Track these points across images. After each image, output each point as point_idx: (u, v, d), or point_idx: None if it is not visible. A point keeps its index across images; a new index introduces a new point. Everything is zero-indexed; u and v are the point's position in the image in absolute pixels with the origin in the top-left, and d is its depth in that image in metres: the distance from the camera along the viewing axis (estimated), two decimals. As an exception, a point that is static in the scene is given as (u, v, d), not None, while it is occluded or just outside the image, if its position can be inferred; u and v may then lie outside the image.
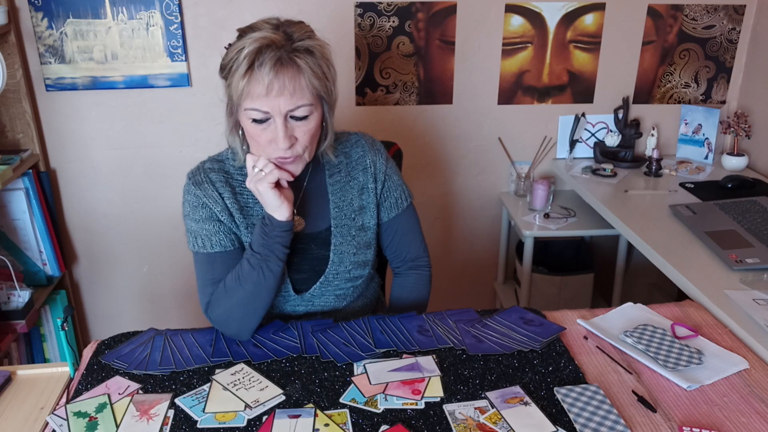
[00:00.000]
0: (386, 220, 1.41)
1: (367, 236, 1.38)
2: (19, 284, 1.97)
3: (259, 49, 1.12)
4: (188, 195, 1.29)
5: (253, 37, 1.13)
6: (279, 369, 1.15)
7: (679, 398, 1.08)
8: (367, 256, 1.38)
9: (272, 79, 1.12)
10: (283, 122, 1.16)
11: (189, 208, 1.29)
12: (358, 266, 1.36)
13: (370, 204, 1.37)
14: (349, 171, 1.36)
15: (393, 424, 1.00)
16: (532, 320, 1.29)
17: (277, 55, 1.12)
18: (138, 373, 1.15)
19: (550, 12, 2.22)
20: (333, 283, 1.35)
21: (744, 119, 2.26)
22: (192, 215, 1.28)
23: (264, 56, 1.12)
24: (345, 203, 1.35)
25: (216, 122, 2.22)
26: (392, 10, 2.16)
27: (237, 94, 1.15)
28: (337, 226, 1.34)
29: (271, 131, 1.17)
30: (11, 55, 2.02)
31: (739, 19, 2.29)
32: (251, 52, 1.12)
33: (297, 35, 1.16)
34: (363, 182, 1.36)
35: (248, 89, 1.14)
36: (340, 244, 1.34)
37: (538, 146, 2.41)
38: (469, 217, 2.50)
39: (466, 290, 2.62)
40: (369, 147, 1.38)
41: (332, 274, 1.34)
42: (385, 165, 1.38)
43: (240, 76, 1.13)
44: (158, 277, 2.44)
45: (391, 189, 1.39)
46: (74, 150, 2.23)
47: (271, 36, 1.13)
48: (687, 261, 1.56)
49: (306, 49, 1.15)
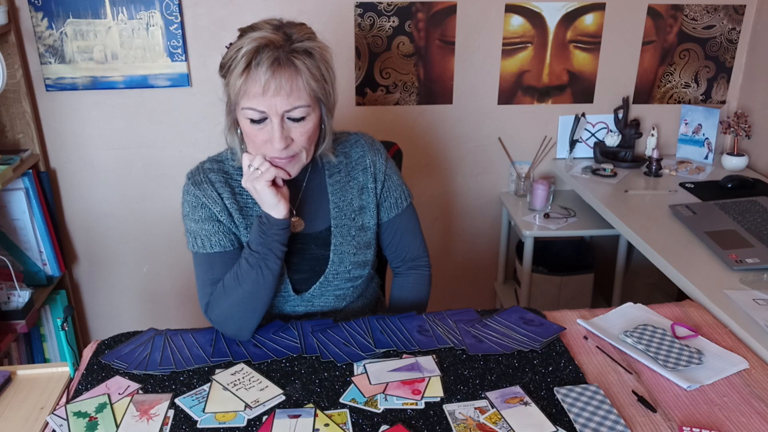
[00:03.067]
0: (386, 220, 1.41)
1: (367, 236, 1.37)
2: (19, 284, 1.97)
3: (257, 48, 1.12)
4: (187, 195, 1.29)
5: (252, 36, 1.14)
6: (279, 369, 1.15)
7: (679, 398, 1.08)
8: (366, 256, 1.38)
9: (269, 78, 1.12)
10: (280, 123, 1.16)
11: (188, 208, 1.29)
12: (358, 266, 1.36)
13: (370, 204, 1.37)
14: (349, 171, 1.36)
15: (393, 424, 1.00)
16: (532, 320, 1.29)
17: (275, 55, 1.13)
18: (138, 373, 1.15)
19: (550, 12, 2.22)
20: (333, 283, 1.35)
21: (744, 119, 2.26)
22: (191, 215, 1.28)
23: (262, 56, 1.12)
24: (345, 203, 1.35)
25: (216, 122, 2.22)
26: (392, 10, 2.16)
27: (234, 92, 1.16)
28: (336, 226, 1.34)
29: (267, 131, 1.17)
30: (11, 55, 2.02)
31: (739, 19, 2.29)
32: (249, 51, 1.12)
33: (297, 36, 1.16)
34: (363, 182, 1.36)
35: (245, 88, 1.14)
36: (340, 244, 1.34)
37: (538, 146, 2.41)
38: (469, 217, 2.50)
39: (466, 290, 2.62)
40: (369, 147, 1.38)
41: (332, 274, 1.34)
42: (385, 165, 1.38)
43: (237, 74, 1.13)
44: (158, 277, 2.44)
45: (391, 189, 1.39)
46: (74, 150, 2.23)
47: (270, 36, 1.13)
48: (687, 261, 1.56)
49: (305, 50, 1.15)
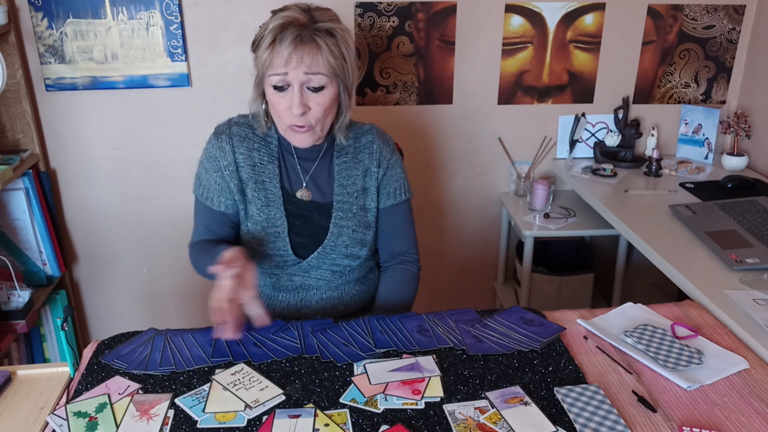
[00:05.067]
0: (382, 207, 1.48)
1: (368, 217, 1.46)
2: (19, 284, 1.97)
3: (282, 25, 1.26)
4: (207, 143, 1.44)
5: (280, 15, 1.28)
6: (279, 369, 1.15)
7: (679, 398, 1.08)
8: (366, 236, 1.45)
9: (291, 52, 1.24)
10: (300, 90, 1.28)
11: (204, 155, 1.44)
12: (356, 244, 1.44)
13: (372, 187, 1.46)
14: (356, 154, 1.46)
15: (393, 424, 1.00)
16: (532, 320, 1.29)
17: (299, 32, 1.25)
18: (138, 373, 1.15)
19: (550, 12, 2.22)
20: (330, 255, 1.43)
21: (744, 119, 2.26)
22: (204, 162, 1.44)
23: (286, 32, 1.25)
24: (349, 183, 1.44)
25: (216, 122, 2.21)
26: (392, 10, 2.16)
27: (261, 63, 1.29)
28: (339, 202, 1.43)
29: (288, 99, 1.29)
30: (11, 55, 2.02)
31: (739, 19, 2.29)
32: (275, 27, 1.26)
33: (322, 17, 1.29)
34: (367, 165, 1.46)
35: (270, 59, 1.27)
36: (340, 219, 1.43)
37: (538, 146, 2.41)
38: (469, 217, 2.50)
39: (466, 290, 2.62)
40: (378, 136, 1.48)
41: (330, 245, 1.42)
42: (391, 155, 1.48)
43: (264, 48, 1.27)
44: (158, 277, 2.44)
45: (392, 178, 1.47)
46: (74, 150, 2.23)
47: (296, 16, 1.27)
48: (687, 261, 1.56)
49: (327, 30, 1.28)
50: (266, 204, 1.41)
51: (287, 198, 1.42)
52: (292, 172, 1.44)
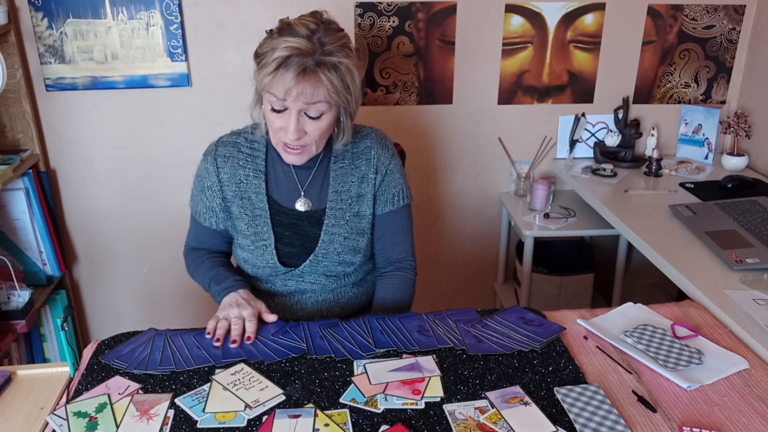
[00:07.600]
0: (379, 214, 1.45)
1: (362, 224, 1.43)
2: (19, 284, 1.97)
3: (288, 56, 1.20)
4: (200, 163, 1.45)
5: (287, 41, 1.21)
6: (279, 369, 1.15)
7: (679, 398, 1.08)
8: (359, 243, 1.43)
9: (293, 86, 1.21)
10: (297, 116, 1.25)
11: (196, 174, 1.46)
12: (348, 251, 1.42)
13: (368, 194, 1.43)
14: (353, 160, 1.43)
15: (393, 424, 1.00)
16: (532, 320, 1.29)
17: (303, 64, 1.20)
18: (138, 373, 1.15)
19: (550, 12, 2.22)
20: (322, 263, 1.42)
21: (744, 119, 2.26)
22: (195, 181, 1.47)
23: (290, 63, 1.20)
24: (344, 189, 1.41)
25: (216, 122, 2.22)
26: (392, 10, 2.16)
27: (260, 82, 1.25)
28: (332, 208, 1.41)
29: (284, 120, 1.27)
30: (11, 55, 2.02)
31: (739, 19, 2.29)
32: (280, 57, 1.20)
33: (329, 47, 1.23)
34: (364, 171, 1.42)
35: (270, 85, 1.23)
36: (332, 226, 1.41)
37: (538, 146, 2.41)
38: (469, 217, 2.50)
39: (466, 290, 2.62)
40: (377, 140, 1.44)
41: (322, 253, 1.41)
42: (389, 160, 1.44)
43: (266, 73, 1.22)
44: (158, 277, 2.44)
45: (390, 184, 1.44)
46: (74, 150, 2.23)
47: (302, 46, 1.21)
48: (687, 261, 1.56)
49: (333, 64, 1.23)
50: (253, 218, 1.41)
51: (275, 210, 1.41)
52: (285, 182, 1.42)
